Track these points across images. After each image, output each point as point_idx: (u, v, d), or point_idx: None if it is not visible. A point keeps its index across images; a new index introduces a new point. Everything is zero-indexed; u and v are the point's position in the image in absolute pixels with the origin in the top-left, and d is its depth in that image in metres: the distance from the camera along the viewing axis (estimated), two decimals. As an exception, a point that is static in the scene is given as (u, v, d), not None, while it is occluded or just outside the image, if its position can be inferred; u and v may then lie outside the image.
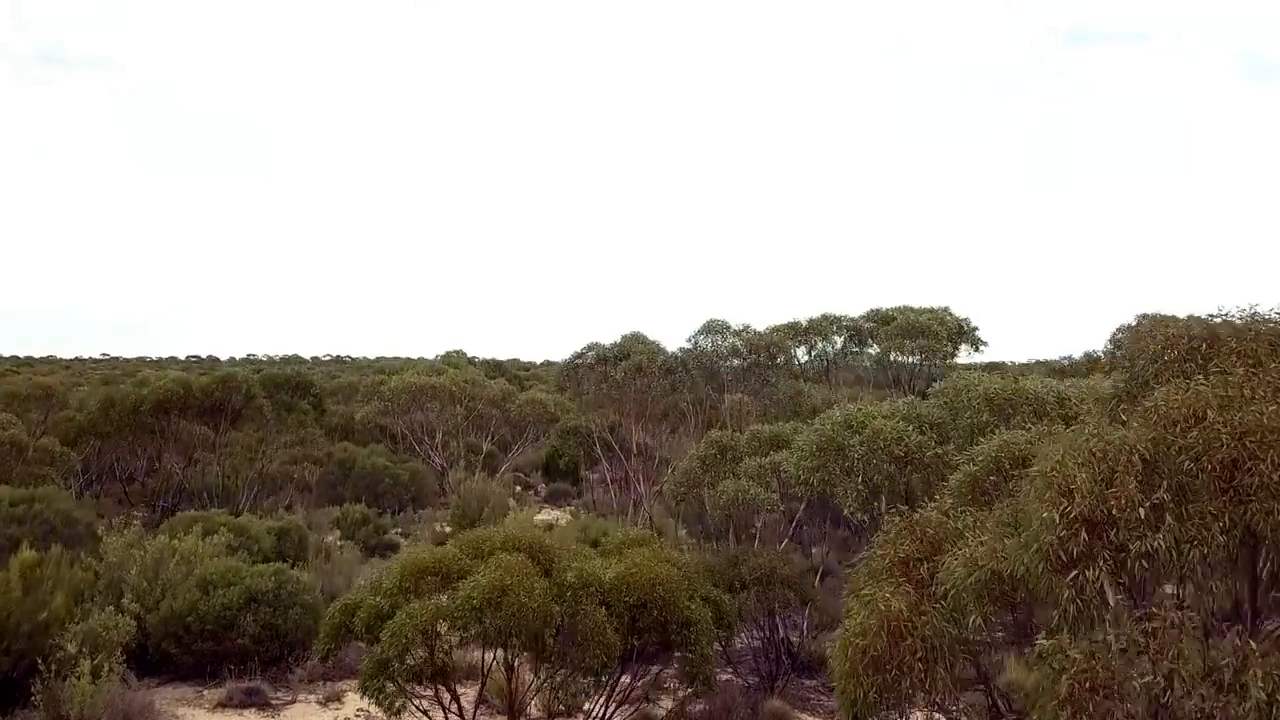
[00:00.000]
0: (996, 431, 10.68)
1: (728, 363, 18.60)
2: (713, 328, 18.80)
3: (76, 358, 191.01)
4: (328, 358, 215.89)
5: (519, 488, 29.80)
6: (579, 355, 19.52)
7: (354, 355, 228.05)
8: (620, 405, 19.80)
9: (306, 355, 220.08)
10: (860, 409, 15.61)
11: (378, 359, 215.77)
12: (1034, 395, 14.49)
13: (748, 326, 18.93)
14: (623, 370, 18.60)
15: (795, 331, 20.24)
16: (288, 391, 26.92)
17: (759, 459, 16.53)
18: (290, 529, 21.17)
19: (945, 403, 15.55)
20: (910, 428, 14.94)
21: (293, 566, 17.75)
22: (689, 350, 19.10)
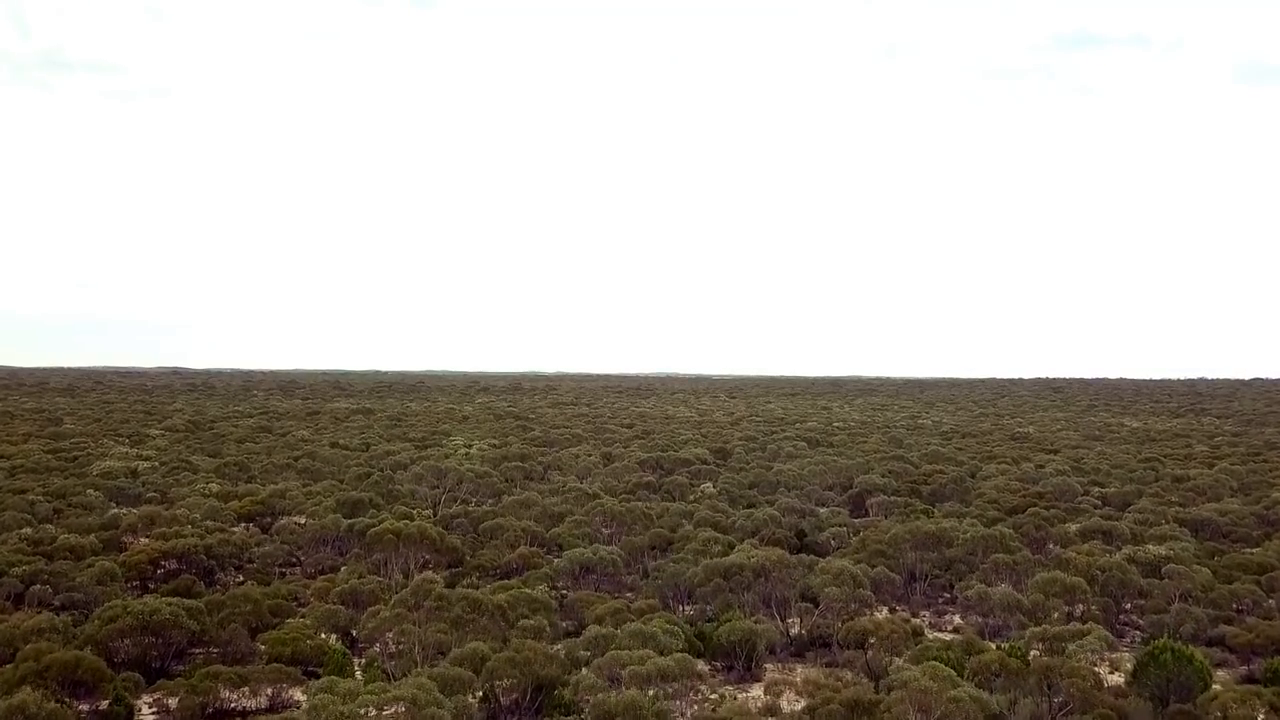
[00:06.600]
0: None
1: None
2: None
3: (70, 387, 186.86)
4: (325, 373, 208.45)
5: None
6: None
7: (352, 370, 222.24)
8: None
9: (305, 369, 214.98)
10: None
11: (374, 372, 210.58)
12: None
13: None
14: None
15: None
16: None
17: None
18: None
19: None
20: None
21: None
22: None
